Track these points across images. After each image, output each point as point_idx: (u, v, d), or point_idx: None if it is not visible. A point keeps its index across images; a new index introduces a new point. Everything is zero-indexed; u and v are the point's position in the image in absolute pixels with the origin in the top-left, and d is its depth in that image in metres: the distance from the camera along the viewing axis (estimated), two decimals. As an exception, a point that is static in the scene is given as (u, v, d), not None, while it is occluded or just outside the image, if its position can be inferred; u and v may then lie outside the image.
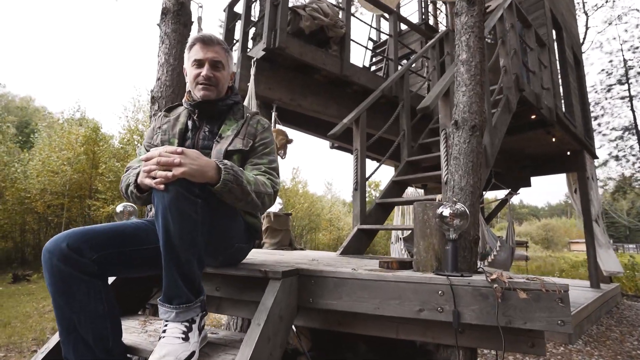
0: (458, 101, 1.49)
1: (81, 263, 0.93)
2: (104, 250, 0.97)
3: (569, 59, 5.68)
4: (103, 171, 10.35)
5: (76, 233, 0.96)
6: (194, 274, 0.95)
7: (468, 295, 1.09)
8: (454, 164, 1.44)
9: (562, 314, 1.00)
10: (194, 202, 0.92)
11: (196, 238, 0.93)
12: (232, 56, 1.33)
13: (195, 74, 1.22)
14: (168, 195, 0.89)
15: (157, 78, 1.99)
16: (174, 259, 0.90)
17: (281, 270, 1.14)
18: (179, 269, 0.92)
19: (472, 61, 1.47)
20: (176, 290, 0.93)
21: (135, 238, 1.07)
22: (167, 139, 1.26)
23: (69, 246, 0.92)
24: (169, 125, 1.30)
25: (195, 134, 1.27)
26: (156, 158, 0.91)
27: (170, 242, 0.89)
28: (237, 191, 1.01)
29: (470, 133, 1.43)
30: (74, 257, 0.92)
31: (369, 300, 1.18)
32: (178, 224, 0.89)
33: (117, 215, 1.83)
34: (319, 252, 2.97)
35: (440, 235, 1.28)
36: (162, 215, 0.89)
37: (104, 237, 0.99)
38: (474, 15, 1.50)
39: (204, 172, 0.95)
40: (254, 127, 1.29)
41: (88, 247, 0.95)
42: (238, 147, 1.21)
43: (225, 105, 1.29)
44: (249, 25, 3.57)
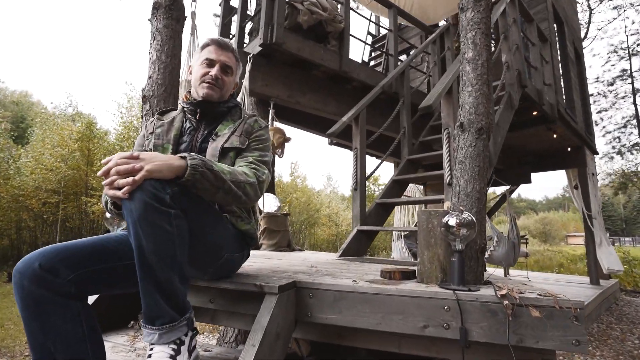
0: (463, 102, 1.41)
1: (56, 284, 0.85)
2: (81, 269, 0.90)
3: (570, 54, 5.60)
4: (98, 168, 10.20)
5: (50, 251, 0.88)
6: (176, 290, 0.88)
7: (476, 312, 1.02)
8: (460, 169, 1.37)
9: (577, 332, 0.94)
10: (166, 212, 0.84)
11: (174, 253, 0.86)
12: (241, 67, 1.33)
13: (204, 72, 1.20)
14: (135, 208, 0.81)
15: (149, 76, 1.90)
16: (151, 277, 0.84)
17: (277, 285, 1.08)
18: (158, 287, 0.85)
19: (478, 60, 1.40)
20: (157, 309, 0.86)
21: (117, 253, 0.99)
22: (161, 144, 1.20)
23: (41, 266, 0.84)
24: (162, 130, 1.24)
25: (193, 135, 1.22)
26: (114, 169, 0.84)
27: (145, 260, 0.82)
28: (209, 176, 0.93)
29: (477, 136, 1.36)
30: (47, 277, 0.84)
31: (370, 315, 1.12)
32: (151, 239, 0.82)
33: (106, 221, 1.76)
34: (317, 254, 2.91)
35: (445, 245, 1.21)
36: (133, 231, 0.82)
37: (81, 254, 0.92)
38: (481, 10, 1.42)
39: (169, 164, 0.87)
40: (250, 125, 1.26)
41: (63, 265, 0.87)
42: (235, 145, 1.18)
43: (225, 107, 1.26)
44: (246, 20, 3.48)
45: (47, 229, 10.94)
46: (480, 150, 1.35)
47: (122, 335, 1.24)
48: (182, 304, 0.90)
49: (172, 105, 1.92)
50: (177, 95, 1.97)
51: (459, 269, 1.12)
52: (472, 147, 1.35)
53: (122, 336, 1.23)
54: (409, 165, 3.26)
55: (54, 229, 10.55)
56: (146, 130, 1.28)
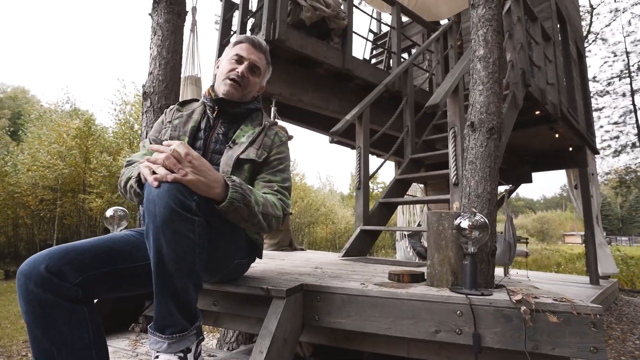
0: (474, 101, 1.38)
1: (63, 288, 0.81)
2: (89, 272, 0.86)
3: (572, 53, 5.57)
4: (95, 166, 10.13)
5: (56, 253, 0.84)
6: (191, 299, 0.85)
7: (489, 317, 1.00)
8: (470, 169, 1.34)
9: (595, 339, 0.91)
10: (191, 220, 0.81)
11: (194, 261, 0.83)
12: (270, 71, 1.29)
13: (230, 69, 1.17)
14: (160, 213, 0.78)
15: (149, 72, 1.86)
16: (168, 285, 0.80)
17: (285, 289, 1.05)
18: (174, 296, 0.81)
19: (489, 57, 1.36)
20: (170, 319, 0.82)
21: (125, 254, 0.96)
22: (177, 136, 1.17)
23: (48, 269, 0.80)
24: (180, 121, 1.21)
25: (208, 134, 1.18)
26: (165, 154, 0.82)
27: (164, 268, 0.78)
28: (243, 211, 0.92)
29: (488, 136, 1.33)
30: (54, 281, 0.80)
31: (380, 320, 1.09)
32: (173, 246, 0.78)
33: (106, 221, 1.72)
34: (320, 254, 2.88)
35: (456, 248, 1.18)
36: (154, 237, 0.78)
37: (89, 256, 0.88)
38: (492, 7, 1.39)
39: (211, 187, 0.86)
40: (270, 139, 1.20)
41: (71, 268, 0.83)
42: (251, 157, 1.13)
43: (246, 108, 1.21)
44: (247, 15, 3.43)
45: (45, 226, 10.87)
46: (491, 151, 1.32)
47: (123, 339, 1.21)
48: (194, 312, 0.87)
49: (174, 101, 1.88)
50: (178, 91, 1.93)
51: (471, 273, 1.10)
52: (483, 147, 1.32)
53: (124, 340, 1.20)
54: (412, 165, 3.22)
55: (51, 226, 10.48)
56: (165, 117, 1.25)
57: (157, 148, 0.86)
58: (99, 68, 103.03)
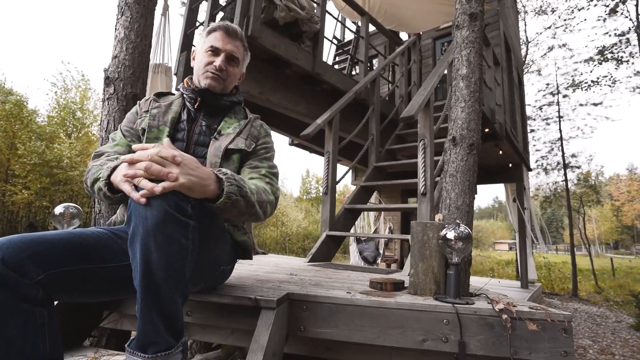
0: (456, 117, 1.45)
1: (21, 285, 0.68)
2: (54, 268, 0.73)
3: (514, 79, 6.17)
4: (23, 152, 8.93)
5: (17, 243, 0.70)
6: (178, 312, 0.76)
7: (474, 325, 1.04)
8: (451, 182, 1.39)
9: (566, 344, 0.99)
10: (185, 225, 0.73)
11: (184, 270, 0.74)
12: (248, 56, 1.23)
13: (207, 62, 1.09)
14: (153, 216, 0.68)
15: (114, 55, 1.67)
16: (155, 297, 0.70)
17: (275, 299, 0.99)
18: (160, 309, 0.71)
19: (472, 77, 1.44)
20: (154, 335, 0.72)
21: (93, 254, 0.83)
22: (157, 126, 1.07)
23: (4, 261, 0.67)
24: (159, 111, 1.11)
25: (191, 126, 1.10)
26: (145, 162, 0.70)
27: (151, 278, 0.69)
28: (241, 204, 0.85)
29: (468, 151, 1.39)
30: (11, 276, 0.67)
31: (368, 329, 1.08)
32: (164, 254, 0.69)
33: (54, 219, 1.51)
34: (284, 258, 2.81)
35: (439, 258, 1.22)
36: (143, 242, 0.68)
37: (56, 250, 0.75)
38: (475, 30, 1.47)
39: (204, 185, 0.77)
40: (257, 129, 1.17)
41: (33, 262, 0.70)
42: (240, 147, 1.08)
43: (229, 101, 1.15)
44: (217, 8, 3.27)
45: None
46: (470, 165, 1.39)
47: (79, 356, 1.06)
48: (180, 327, 0.78)
49: (141, 89, 1.71)
50: (146, 79, 1.76)
51: (456, 282, 1.14)
52: (463, 161, 1.38)
53: (79, 357, 1.05)
54: (376, 172, 3.31)
55: (-41, 219, 9.03)
56: (139, 108, 1.14)
57: (129, 159, 0.73)
58: (37, 47, 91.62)
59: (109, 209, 1.58)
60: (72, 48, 56.07)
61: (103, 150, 1.05)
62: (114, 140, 1.10)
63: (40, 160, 8.71)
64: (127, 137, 1.10)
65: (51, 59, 76.87)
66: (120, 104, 1.65)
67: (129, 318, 1.37)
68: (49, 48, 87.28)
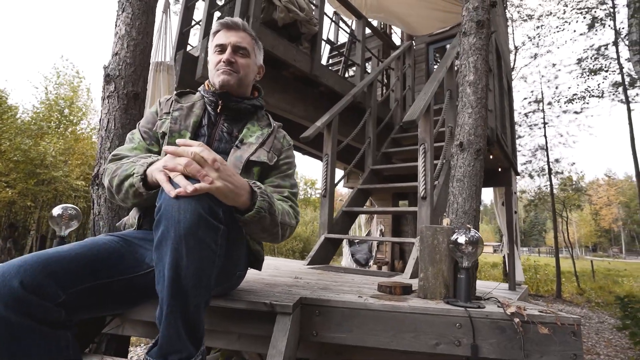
0: (463, 122, 1.46)
1: (42, 309, 0.65)
2: (74, 287, 0.70)
3: (504, 85, 6.31)
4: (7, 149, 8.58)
5: (33, 264, 0.66)
6: (201, 321, 0.75)
7: (486, 328, 1.05)
8: (458, 187, 1.41)
9: (575, 347, 1.01)
10: (216, 229, 0.71)
11: (211, 276, 0.73)
12: (260, 47, 1.17)
13: (216, 61, 1.06)
14: (185, 219, 0.66)
15: (115, 53, 1.62)
16: (181, 305, 0.68)
17: (290, 304, 0.98)
18: (185, 317, 0.69)
19: (479, 83, 1.46)
20: (177, 343, 0.70)
21: (112, 265, 0.81)
22: (178, 130, 1.03)
23: (24, 285, 0.63)
24: (181, 113, 1.07)
25: (211, 132, 1.06)
26: (185, 159, 0.69)
27: (180, 284, 0.67)
28: (266, 221, 0.84)
29: (475, 156, 1.41)
30: (32, 300, 0.63)
31: (381, 334, 1.08)
32: (194, 259, 0.67)
33: (52, 220, 1.46)
34: (282, 261, 2.80)
35: (449, 262, 1.23)
36: (173, 246, 0.66)
37: (73, 267, 0.72)
38: (482, 37, 1.49)
39: (238, 194, 0.75)
40: (280, 142, 1.14)
41: (54, 283, 0.67)
42: (262, 159, 1.05)
43: (250, 104, 1.11)
44: (215, 7, 3.23)
45: None
46: (477, 170, 1.41)
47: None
48: (201, 335, 0.76)
49: (142, 88, 1.67)
50: (147, 78, 1.72)
51: (466, 286, 1.15)
52: (470, 166, 1.40)
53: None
54: (373, 175, 3.32)
55: None
56: (159, 108, 1.10)
57: (173, 150, 0.72)
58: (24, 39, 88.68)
59: (108, 211, 1.54)
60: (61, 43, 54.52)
61: (122, 153, 1.00)
62: (132, 142, 1.05)
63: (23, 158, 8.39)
64: (145, 139, 1.05)
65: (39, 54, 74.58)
66: (121, 103, 1.61)
67: (131, 323, 1.33)
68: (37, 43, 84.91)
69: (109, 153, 1.57)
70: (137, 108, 1.65)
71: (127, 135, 1.09)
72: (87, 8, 66.11)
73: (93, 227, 1.52)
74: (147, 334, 1.38)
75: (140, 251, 0.90)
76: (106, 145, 1.56)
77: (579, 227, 38.13)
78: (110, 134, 1.55)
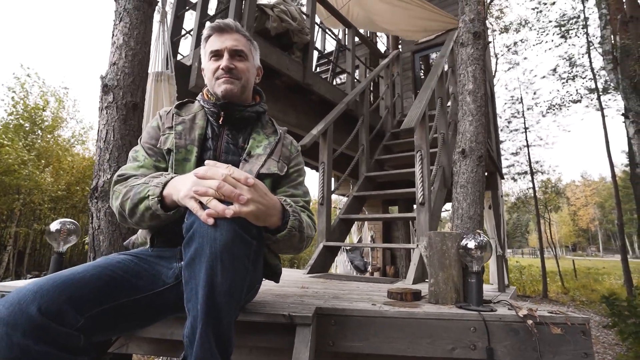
0: (464, 130, 1.50)
1: (62, 335, 0.61)
2: (92, 310, 0.67)
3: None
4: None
5: (50, 288, 0.63)
6: (231, 338, 0.73)
7: (499, 331, 1.07)
8: (462, 192, 1.44)
9: (585, 346, 1.04)
10: (250, 245, 0.70)
11: (242, 292, 0.72)
12: (256, 47, 1.11)
13: (214, 68, 1.00)
14: (222, 237, 0.65)
15: (112, 62, 1.59)
16: (215, 323, 0.67)
17: (310, 315, 0.98)
18: (218, 335, 0.68)
19: (477, 92, 1.50)
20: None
21: (128, 285, 0.78)
22: (184, 145, 0.98)
23: (42, 311, 0.59)
24: (184, 127, 1.01)
25: (216, 144, 1.02)
26: (217, 181, 0.67)
27: (214, 302, 0.65)
28: (296, 239, 0.83)
29: (477, 163, 1.45)
30: (51, 327, 0.60)
31: (398, 341, 1.08)
32: (229, 275, 0.66)
33: (50, 236, 1.42)
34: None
35: (459, 267, 1.25)
36: (209, 264, 0.64)
37: (89, 289, 0.69)
38: (479, 48, 1.54)
39: (270, 215, 0.74)
40: (288, 149, 1.10)
41: (72, 308, 0.64)
42: (273, 171, 1.01)
43: (254, 112, 1.07)
44: (206, 17, 3.23)
45: None
46: (480, 176, 1.45)
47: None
48: (231, 353, 0.74)
49: (140, 98, 1.63)
50: (145, 88, 1.69)
51: (478, 290, 1.17)
52: (473, 172, 1.44)
53: (95, 386, 0.97)
54: (367, 182, 3.35)
55: None
56: (161, 122, 1.03)
57: (203, 174, 0.69)
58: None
59: (109, 224, 1.49)
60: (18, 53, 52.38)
61: (128, 172, 0.94)
62: (137, 161, 0.98)
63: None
64: (151, 156, 0.99)
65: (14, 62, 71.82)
66: (120, 113, 1.58)
67: (136, 341, 1.29)
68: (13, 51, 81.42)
69: (108, 165, 1.53)
70: (136, 119, 1.62)
71: (129, 153, 1.02)
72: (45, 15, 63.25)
73: (92, 242, 1.48)
74: (152, 351, 1.34)
75: (156, 268, 0.88)
76: (105, 156, 1.52)
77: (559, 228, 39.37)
78: (110, 145, 1.51)
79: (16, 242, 9.45)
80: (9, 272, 8.94)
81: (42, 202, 9.22)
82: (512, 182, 11.38)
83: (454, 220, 1.42)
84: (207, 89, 1.09)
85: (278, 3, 3.09)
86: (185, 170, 0.95)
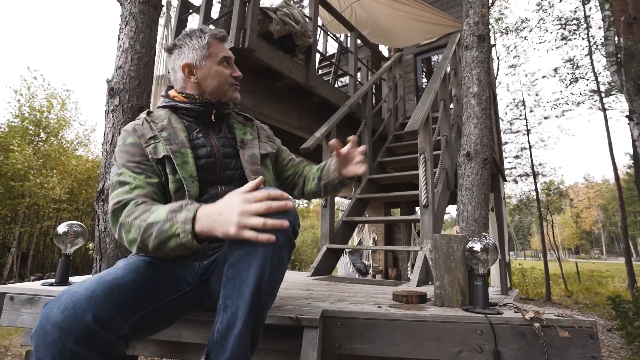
0: (469, 132, 1.50)
1: (109, 342, 0.62)
2: (134, 315, 0.69)
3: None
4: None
5: (101, 294, 0.63)
6: (259, 336, 0.76)
7: (506, 334, 1.07)
8: (467, 195, 1.44)
9: (593, 350, 1.04)
10: (293, 246, 0.77)
11: (276, 294, 0.77)
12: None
13: (227, 74, 1.09)
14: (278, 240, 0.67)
15: (118, 66, 1.60)
16: (254, 321, 0.70)
17: (317, 317, 0.98)
18: (254, 333, 0.71)
19: (482, 95, 1.51)
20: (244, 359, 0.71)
21: (157, 286, 0.80)
22: (178, 149, 0.96)
23: (96, 319, 0.60)
24: (169, 132, 1.00)
25: (210, 141, 1.05)
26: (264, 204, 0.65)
27: (259, 301, 0.69)
28: None
29: (483, 165, 1.45)
30: (100, 334, 0.60)
31: (404, 343, 1.08)
32: (274, 277, 0.70)
33: (58, 238, 1.42)
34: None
35: (464, 269, 1.25)
36: (260, 266, 0.67)
37: (130, 294, 0.70)
38: (484, 51, 1.55)
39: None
40: (264, 130, 1.24)
41: (118, 314, 0.64)
42: (269, 150, 1.15)
43: (230, 108, 1.16)
44: (209, 20, 3.25)
45: None
46: (485, 179, 1.45)
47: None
48: (253, 353, 0.75)
49: (146, 101, 1.65)
50: (150, 91, 1.70)
51: (484, 293, 1.17)
52: (478, 175, 1.44)
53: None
54: (370, 185, 3.35)
55: None
56: (138, 136, 0.96)
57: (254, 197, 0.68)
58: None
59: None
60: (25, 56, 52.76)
61: (123, 199, 0.84)
62: (127, 184, 0.88)
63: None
64: (140, 174, 0.90)
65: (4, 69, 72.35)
66: (126, 116, 1.59)
67: (143, 343, 1.30)
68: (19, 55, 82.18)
69: (113, 168, 1.54)
70: (142, 122, 1.62)
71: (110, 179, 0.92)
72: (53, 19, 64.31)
73: (99, 244, 1.48)
74: (159, 352, 1.34)
75: (178, 269, 0.90)
76: (111, 159, 1.53)
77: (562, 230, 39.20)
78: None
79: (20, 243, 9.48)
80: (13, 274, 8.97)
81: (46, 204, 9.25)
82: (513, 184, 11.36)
83: (459, 223, 1.42)
84: (176, 90, 1.08)
85: (281, 6, 3.10)
86: (188, 173, 0.95)
